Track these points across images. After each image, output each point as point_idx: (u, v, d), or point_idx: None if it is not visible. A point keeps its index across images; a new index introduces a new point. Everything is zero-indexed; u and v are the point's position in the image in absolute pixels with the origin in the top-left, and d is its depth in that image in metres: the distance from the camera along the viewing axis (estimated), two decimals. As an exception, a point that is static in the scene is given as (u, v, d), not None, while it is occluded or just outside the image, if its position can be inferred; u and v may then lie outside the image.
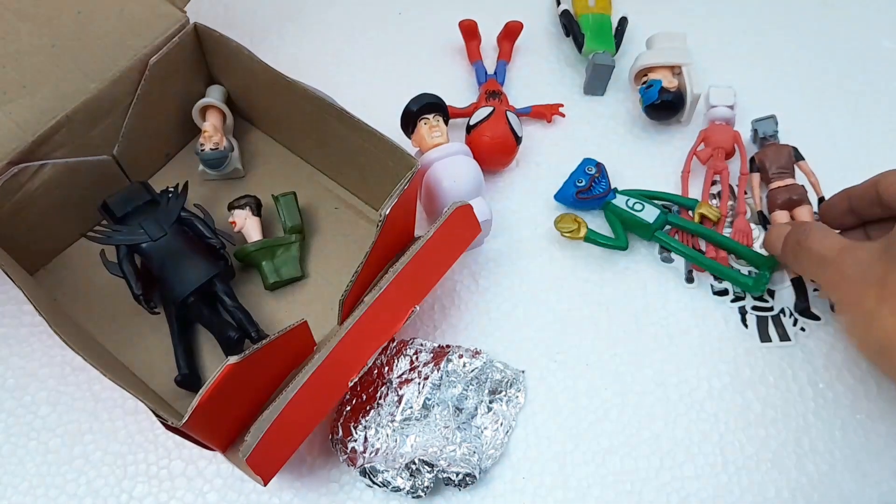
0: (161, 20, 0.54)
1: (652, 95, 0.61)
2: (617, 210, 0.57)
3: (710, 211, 0.57)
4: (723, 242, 0.57)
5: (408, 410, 0.49)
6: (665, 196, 0.59)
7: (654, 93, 0.61)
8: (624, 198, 0.57)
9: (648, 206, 0.57)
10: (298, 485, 0.49)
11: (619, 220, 0.57)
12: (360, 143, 0.52)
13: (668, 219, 0.57)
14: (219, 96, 0.59)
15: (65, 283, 0.55)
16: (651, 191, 0.59)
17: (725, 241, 0.57)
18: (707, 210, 0.57)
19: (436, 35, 0.70)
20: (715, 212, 0.57)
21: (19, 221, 0.51)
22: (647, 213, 0.56)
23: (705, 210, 0.57)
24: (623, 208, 0.57)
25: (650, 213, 0.56)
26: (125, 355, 0.52)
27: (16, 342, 0.53)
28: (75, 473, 0.49)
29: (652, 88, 0.61)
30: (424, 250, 0.47)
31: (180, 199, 0.53)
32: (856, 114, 0.66)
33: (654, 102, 0.61)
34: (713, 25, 0.72)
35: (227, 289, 0.52)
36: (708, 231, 0.56)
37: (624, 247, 0.56)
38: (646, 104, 0.62)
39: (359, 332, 0.45)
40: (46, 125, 0.50)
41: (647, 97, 0.62)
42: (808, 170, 0.59)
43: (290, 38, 0.69)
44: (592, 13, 0.67)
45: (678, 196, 0.59)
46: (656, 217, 0.56)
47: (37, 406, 0.51)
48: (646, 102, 0.62)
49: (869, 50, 0.70)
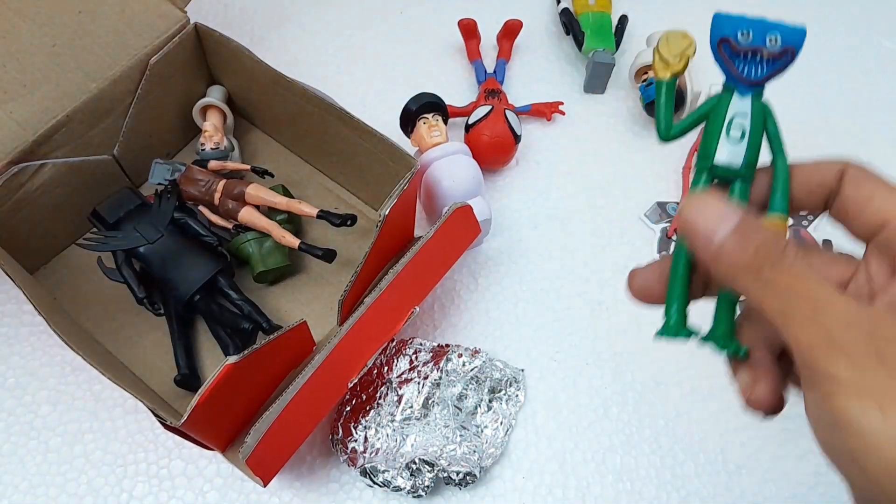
0: (161, 20, 0.54)
1: (652, 93, 0.61)
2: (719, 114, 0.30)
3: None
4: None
5: (408, 410, 0.49)
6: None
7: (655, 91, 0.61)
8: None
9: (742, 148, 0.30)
10: (298, 485, 0.49)
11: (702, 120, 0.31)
12: (360, 143, 0.52)
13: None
14: (219, 96, 0.59)
15: (64, 283, 0.55)
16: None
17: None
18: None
19: (435, 34, 0.70)
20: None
21: (19, 221, 0.51)
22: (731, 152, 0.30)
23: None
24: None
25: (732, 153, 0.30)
26: (125, 355, 0.52)
27: (16, 341, 0.53)
28: (76, 473, 0.49)
29: (652, 86, 0.61)
30: (424, 250, 0.47)
31: (172, 199, 0.53)
32: (856, 113, 0.66)
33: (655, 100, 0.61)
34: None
35: (231, 283, 0.52)
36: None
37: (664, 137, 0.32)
38: (646, 102, 0.62)
39: (358, 332, 0.45)
40: (47, 124, 0.50)
41: (647, 95, 0.62)
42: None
43: (290, 37, 0.69)
44: (592, 11, 0.67)
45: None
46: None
47: (37, 405, 0.51)
48: (646, 100, 0.62)
49: (869, 49, 0.70)
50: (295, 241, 0.52)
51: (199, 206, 0.55)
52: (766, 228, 0.27)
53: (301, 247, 0.52)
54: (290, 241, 0.52)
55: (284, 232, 0.53)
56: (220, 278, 0.52)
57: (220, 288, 0.52)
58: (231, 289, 0.52)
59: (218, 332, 0.51)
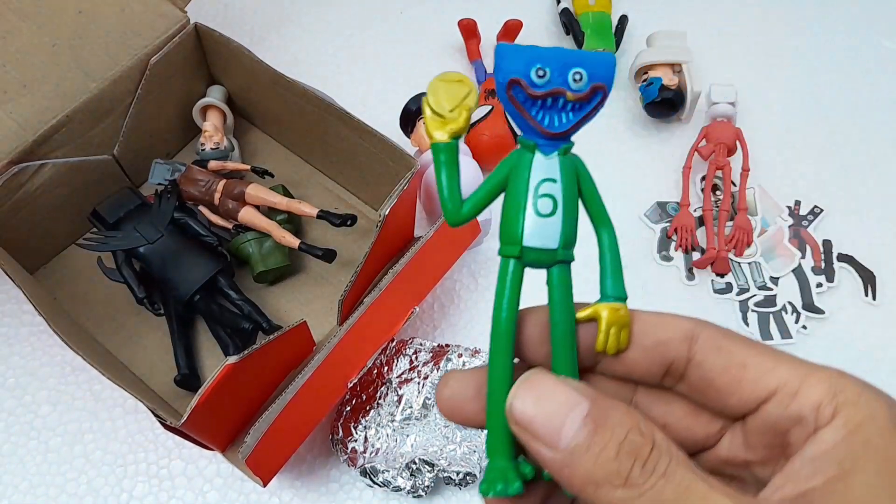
0: (161, 20, 0.54)
1: (652, 93, 0.61)
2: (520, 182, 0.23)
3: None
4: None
5: (408, 410, 0.49)
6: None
7: (655, 90, 0.61)
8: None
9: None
10: (298, 484, 0.49)
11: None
12: (360, 143, 0.52)
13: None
14: (219, 96, 0.59)
15: (64, 283, 0.55)
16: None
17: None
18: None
19: (435, 34, 0.70)
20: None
21: (19, 221, 0.51)
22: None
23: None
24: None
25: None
26: (125, 354, 0.52)
27: (16, 341, 0.53)
28: (76, 473, 0.49)
29: (652, 86, 0.61)
30: (424, 250, 0.47)
31: (172, 199, 0.53)
32: (856, 113, 0.66)
33: (655, 100, 0.61)
34: (713, 24, 0.71)
35: (231, 283, 0.52)
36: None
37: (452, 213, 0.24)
38: (646, 102, 0.62)
39: (358, 332, 0.45)
40: (47, 124, 0.50)
41: (647, 95, 0.62)
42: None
43: (290, 37, 0.69)
44: (592, 11, 0.67)
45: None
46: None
47: (37, 405, 0.51)
48: (646, 100, 0.62)
49: (869, 49, 0.70)
50: (295, 241, 0.52)
51: (199, 206, 0.55)
52: (628, 413, 0.19)
53: (301, 247, 0.52)
54: (290, 241, 0.52)
55: (284, 232, 0.53)
56: (220, 278, 0.52)
57: (220, 288, 0.52)
58: (231, 289, 0.52)
59: (218, 332, 0.51)
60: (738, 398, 0.22)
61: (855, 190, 0.62)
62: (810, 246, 0.59)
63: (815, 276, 0.57)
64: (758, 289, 0.57)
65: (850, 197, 0.61)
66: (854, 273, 0.58)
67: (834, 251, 0.58)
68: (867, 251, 0.58)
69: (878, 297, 0.57)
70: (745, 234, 0.58)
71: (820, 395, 0.20)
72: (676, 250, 0.59)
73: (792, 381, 0.21)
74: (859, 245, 0.59)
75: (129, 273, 0.51)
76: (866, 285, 0.57)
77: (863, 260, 0.58)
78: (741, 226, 0.58)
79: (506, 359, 0.23)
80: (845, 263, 0.58)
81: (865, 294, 0.57)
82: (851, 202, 0.61)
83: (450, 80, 0.23)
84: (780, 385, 0.21)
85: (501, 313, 0.23)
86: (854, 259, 0.58)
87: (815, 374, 0.21)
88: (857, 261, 0.58)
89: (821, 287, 0.57)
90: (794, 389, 0.21)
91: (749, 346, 0.22)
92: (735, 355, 0.22)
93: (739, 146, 0.61)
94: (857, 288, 0.57)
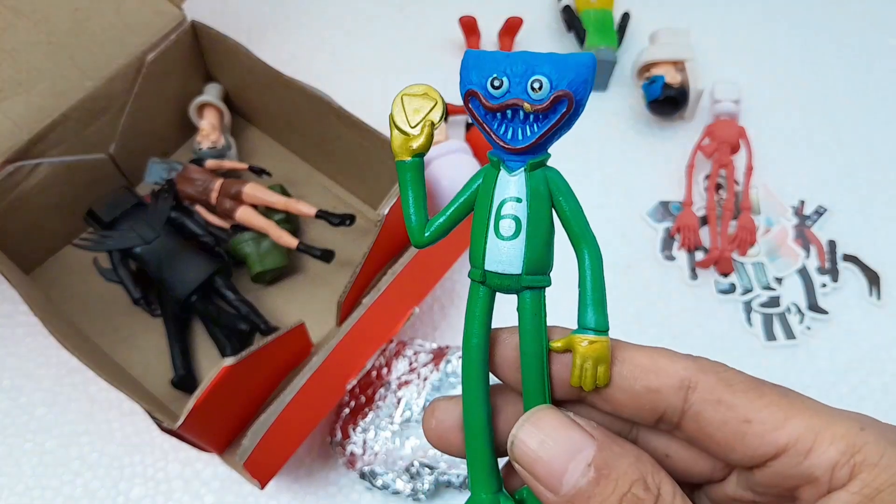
0: (158, 18, 0.54)
1: (655, 91, 0.61)
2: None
3: None
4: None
5: (407, 412, 0.48)
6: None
7: (658, 88, 0.60)
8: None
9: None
10: (297, 487, 0.48)
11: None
12: (359, 142, 0.51)
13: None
14: (216, 94, 0.59)
15: (60, 283, 0.55)
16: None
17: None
18: None
19: (435, 31, 0.69)
20: None
21: (15, 220, 0.50)
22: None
23: None
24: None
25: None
26: (121, 356, 0.52)
27: (12, 342, 0.53)
28: (72, 475, 0.48)
29: (655, 84, 0.61)
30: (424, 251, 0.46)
31: (169, 199, 0.52)
32: (861, 111, 0.66)
33: (658, 98, 0.61)
34: (717, 21, 0.71)
35: (229, 284, 0.52)
36: None
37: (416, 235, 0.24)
38: (649, 100, 0.61)
39: (357, 333, 0.44)
40: (42, 123, 0.49)
41: (650, 93, 0.61)
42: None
43: (288, 35, 0.69)
44: (594, 8, 0.66)
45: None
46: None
47: (33, 407, 0.51)
48: (649, 98, 0.61)
49: (875, 47, 0.70)
50: (293, 240, 0.52)
51: (196, 205, 0.54)
52: (636, 461, 0.19)
53: (299, 247, 0.52)
54: (288, 241, 0.52)
55: (282, 232, 0.52)
56: (217, 279, 0.51)
57: (217, 288, 0.51)
58: (228, 289, 0.51)
59: (215, 334, 0.51)
60: (742, 454, 0.19)
61: (860, 189, 0.61)
62: (815, 246, 0.58)
63: (820, 277, 0.57)
64: (762, 289, 0.56)
65: (854, 196, 0.61)
66: (859, 273, 0.57)
67: (838, 251, 0.58)
68: (872, 251, 0.58)
69: (883, 298, 0.56)
70: (749, 233, 0.57)
71: (836, 455, 0.18)
72: (679, 250, 0.58)
73: (805, 437, 0.19)
74: (864, 245, 0.58)
75: (126, 273, 0.51)
76: (871, 285, 0.57)
77: (867, 260, 0.57)
78: (745, 225, 0.57)
79: (478, 385, 0.22)
80: (850, 263, 0.57)
81: (870, 294, 0.56)
82: (856, 202, 0.60)
83: (414, 95, 0.22)
84: (790, 442, 0.19)
85: (472, 339, 0.22)
86: (859, 259, 0.58)
87: (831, 429, 0.18)
88: (861, 261, 0.57)
89: (825, 287, 0.56)
90: (806, 447, 0.19)
91: (754, 395, 0.19)
92: (738, 409, 0.19)
93: (743, 144, 0.60)
94: (862, 288, 0.57)
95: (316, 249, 0.52)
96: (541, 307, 0.21)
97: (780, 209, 0.60)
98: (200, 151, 0.56)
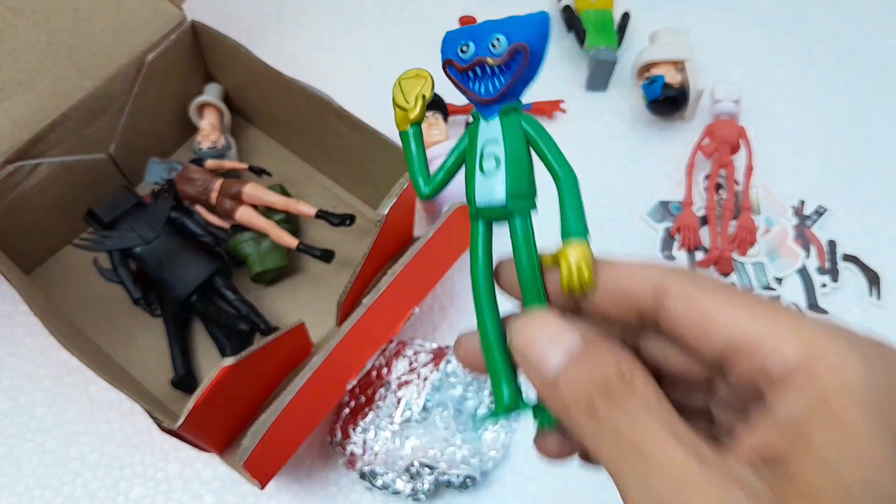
0: (158, 17, 0.53)
1: (655, 91, 0.61)
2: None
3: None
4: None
5: (407, 412, 0.48)
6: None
7: (658, 88, 0.60)
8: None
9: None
10: (297, 488, 0.48)
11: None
12: (359, 142, 0.51)
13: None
14: (216, 94, 0.59)
15: (60, 283, 0.55)
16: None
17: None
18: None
19: (435, 31, 0.69)
20: None
21: (15, 220, 0.50)
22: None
23: None
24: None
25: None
26: (121, 355, 0.52)
27: (12, 342, 0.53)
28: (71, 475, 0.48)
29: (655, 84, 0.61)
30: (424, 250, 0.46)
31: (169, 199, 0.52)
32: (861, 112, 0.66)
33: (658, 98, 0.61)
34: (717, 21, 0.71)
35: (229, 284, 0.52)
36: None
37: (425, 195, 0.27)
38: (649, 100, 0.61)
39: (357, 333, 0.44)
40: (42, 123, 0.49)
41: (650, 93, 0.61)
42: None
43: (289, 35, 0.69)
44: (594, 9, 0.66)
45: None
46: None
47: (33, 407, 0.51)
48: (649, 98, 0.61)
49: (875, 48, 0.70)
50: (293, 241, 0.52)
51: (196, 205, 0.54)
52: (613, 352, 0.21)
53: (299, 247, 0.52)
54: (288, 241, 0.52)
55: (282, 232, 0.52)
56: (217, 279, 0.51)
57: (217, 288, 0.51)
58: (228, 289, 0.51)
59: (215, 334, 0.51)
60: (707, 351, 0.20)
61: (860, 189, 0.61)
62: (815, 246, 0.58)
63: (820, 277, 0.57)
64: (762, 289, 0.56)
65: (855, 196, 0.61)
66: (859, 273, 0.57)
67: (838, 251, 0.58)
68: (872, 251, 0.58)
69: (883, 298, 0.56)
70: (749, 233, 0.57)
71: (795, 356, 0.18)
72: (680, 250, 0.58)
73: (767, 337, 0.19)
74: (864, 245, 0.58)
75: (126, 273, 0.51)
76: (871, 285, 0.57)
77: (867, 260, 0.57)
78: (745, 225, 0.57)
79: (488, 308, 0.25)
80: (850, 263, 0.57)
81: (870, 294, 0.56)
82: (856, 202, 0.60)
83: (409, 77, 0.27)
84: (751, 340, 0.19)
85: (477, 270, 0.25)
86: (859, 259, 0.58)
87: (795, 331, 0.19)
88: (861, 261, 0.57)
89: (825, 287, 0.56)
90: (767, 347, 0.19)
91: (722, 296, 0.20)
92: (703, 308, 0.20)
93: (743, 144, 0.60)
94: (862, 288, 0.57)
95: (316, 249, 0.52)
96: (529, 229, 0.24)
97: (780, 209, 0.60)
98: (200, 151, 0.56)
